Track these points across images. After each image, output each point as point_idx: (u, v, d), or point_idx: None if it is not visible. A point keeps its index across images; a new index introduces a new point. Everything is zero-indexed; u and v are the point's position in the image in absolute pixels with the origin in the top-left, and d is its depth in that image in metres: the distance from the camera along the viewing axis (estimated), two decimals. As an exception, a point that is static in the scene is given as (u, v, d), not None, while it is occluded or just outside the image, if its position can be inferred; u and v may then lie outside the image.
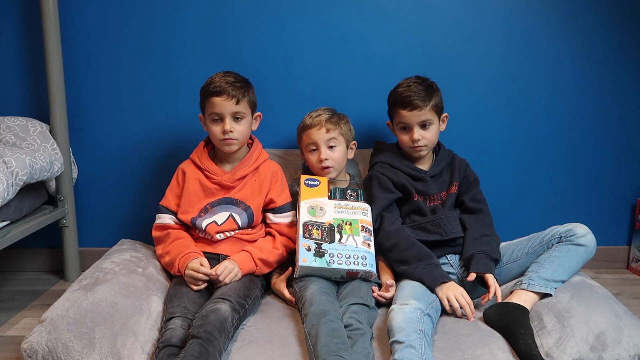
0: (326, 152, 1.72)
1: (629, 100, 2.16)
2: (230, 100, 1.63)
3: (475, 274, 1.52)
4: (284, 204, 1.71)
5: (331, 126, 1.73)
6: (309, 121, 1.75)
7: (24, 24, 2.05)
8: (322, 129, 1.72)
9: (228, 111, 1.63)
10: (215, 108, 1.63)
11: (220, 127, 1.64)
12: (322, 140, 1.72)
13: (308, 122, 1.75)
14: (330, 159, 1.72)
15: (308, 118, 1.77)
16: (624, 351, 1.32)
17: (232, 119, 1.64)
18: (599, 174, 2.22)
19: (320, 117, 1.74)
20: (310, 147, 1.74)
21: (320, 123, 1.73)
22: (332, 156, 1.73)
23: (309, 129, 1.74)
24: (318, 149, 1.73)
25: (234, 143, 1.66)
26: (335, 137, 1.73)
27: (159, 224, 1.69)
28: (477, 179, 1.79)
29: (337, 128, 1.74)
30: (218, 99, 1.63)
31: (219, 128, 1.64)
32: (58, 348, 1.27)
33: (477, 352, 1.31)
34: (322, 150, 1.72)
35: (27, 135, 1.93)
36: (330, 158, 1.72)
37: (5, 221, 1.78)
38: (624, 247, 2.29)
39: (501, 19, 2.07)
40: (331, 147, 1.73)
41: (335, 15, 2.05)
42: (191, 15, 2.04)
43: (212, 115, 1.65)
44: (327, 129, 1.72)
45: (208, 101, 1.65)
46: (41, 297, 2.00)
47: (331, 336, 1.28)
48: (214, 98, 1.63)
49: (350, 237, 1.59)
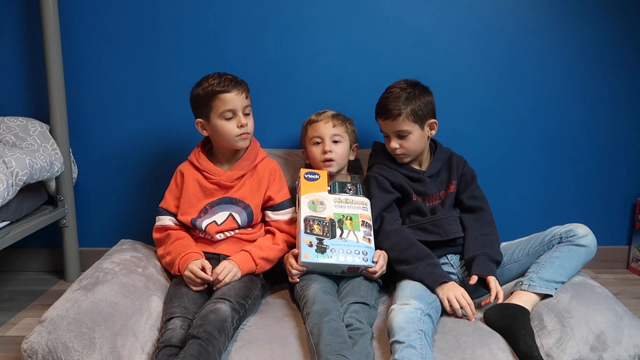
0: (330, 145, 1.75)
1: (629, 100, 2.16)
2: (241, 95, 1.63)
3: (477, 277, 1.51)
4: (283, 201, 1.71)
5: (337, 122, 1.78)
6: (315, 117, 1.81)
7: (24, 24, 2.05)
8: (329, 123, 1.77)
9: (240, 106, 1.63)
10: (229, 105, 1.62)
11: (236, 122, 1.63)
12: (327, 134, 1.76)
13: (314, 118, 1.81)
14: (333, 152, 1.75)
15: (314, 115, 1.82)
16: (624, 351, 1.31)
17: (243, 114, 1.64)
18: (599, 174, 2.22)
19: (326, 113, 1.81)
20: (315, 140, 1.77)
21: (327, 117, 1.79)
22: (335, 150, 1.76)
23: (315, 123, 1.79)
24: (322, 142, 1.76)
25: (248, 137, 1.67)
26: (339, 134, 1.77)
27: (159, 225, 1.69)
28: (474, 175, 1.79)
29: (343, 126, 1.79)
30: (229, 95, 1.61)
31: (233, 124, 1.63)
32: (58, 348, 1.27)
33: (477, 352, 1.31)
34: (327, 143, 1.75)
35: (27, 136, 1.93)
36: (334, 151, 1.75)
37: (5, 221, 1.78)
38: (624, 247, 2.29)
39: (500, 19, 2.07)
40: (335, 141, 1.76)
41: (336, 15, 2.05)
42: (191, 17, 2.04)
43: (224, 113, 1.62)
44: (334, 124, 1.77)
45: (216, 100, 1.61)
46: (41, 297, 2.00)
47: (333, 335, 1.28)
48: (224, 95, 1.61)
49: (351, 232, 1.59)
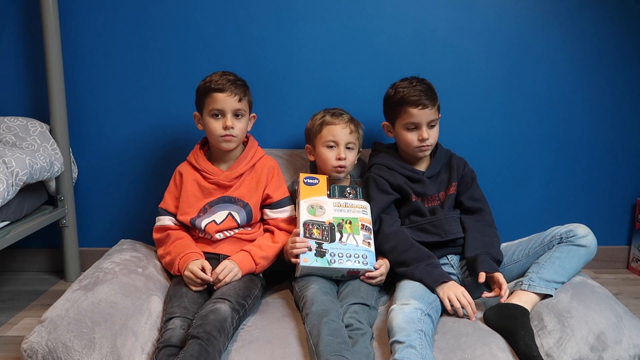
0: (344, 152, 1.73)
1: (629, 100, 2.16)
2: (233, 97, 1.63)
3: (484, 274, 1.51)
4: (281, 199, 1.71)
5: (353, 128, 1.75)
6: (332, 118, 1.75)
7: (24, 24, 2.05)
8: (347, 129, 1.73)
9: (230, 107, 1.63)
10: (218, 104, 1.63)
11: (221, 123, 1.63)
12: (343, 140, 1.73)
13: (331, 119, 1.75)
14: (347, 159, 1.73)
15: (329, 115, 1.76)
16: (624, 351, 1.32)
17: (233, 116, 1.64)
18: (599, 174, 2.22)
19: (343, 116, 1.76)
20: (330, 143, 1.73)
21: (344, 122, 1.74)
22: (348, 157, 1.74)
23: (332, 125, 1.73)
24: (337, 147, 1.73)
25: (233, 140, 1.66)
26: (354, 141, 1.75)
27: (159, 226, 1.69)
28: (474, 177, 1.79)
29: (357, 132, 1.76)
30: (221, 95, 1.63)
31: (220, 124, 1.64)
32: (58, 348, 1.27)
33: (477, 352, 1.31)
34: (342, 150, 1.73)
35: (27, 136, 1.93)
36: (347, 158, 1.73)
37: (5, 221, 1.77)
38: (624, 247, 2.29)
39: (500, 19, 2.07)
40: (349, 148, 1.74)
41: (336, 15, 2.05)
42: (191, 16, 2.04)
43: (212, 111, 1.64)
44: (351, 129, 1.74)
45: (209, 97, 1.64)
46: (41, 297, 2.00)
47: (333, 336, 1.28)
48: (217, 94, 1.63)
49: (351, 236, 1.59)
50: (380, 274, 1.56)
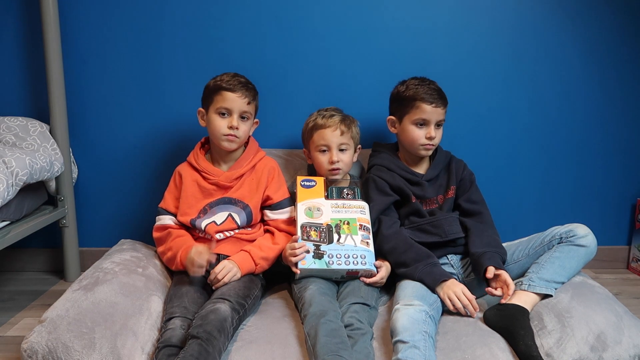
0: (337, 155, 1.72)
1: (628, 100, 2.16)
2: (243, 99, 1.64)
3: (494, 268, 1.50)
4: (281, 200, 1.71)
5: (345, 129, 1.72)
6: (322, 121, 1.73)
7: (24, 24, 2.05)
8: (337, 131, 1.71)
9: (238, 108, 1.64)
10: (227, 103, 1.64)
11: (227, 121, 1.64)
12: (335, 143, 1.71)
13: (321, 122, 1.73)
14: (340, 161, 1.72)
15: (320, 118, 1.74)
16: (624, 351, 1.32)
17: (239, 117, 1.65)
18: (598, 174, 2.21)
19: (333, 118, 1.73)
20: (322, 148, 1.73)
21: (334, 124, 1.72)
22: (342, 158, 1.73)
23: (322, 129, 1.72)
24: (329, 151, 1.72)
25: (236, 141, 1.66)
26: (346, 142, 1.73)
27: (159, 225, 1.69)
28: (473, 179, 1.79)
29: (349, 132, 1.74)
30: (231, 95, 1.63)
31: (225, 122, 1.64)
32: (58, 348, 1.27)
33: (477, 352, 1.31)
34: (334, 152, 1.72)
35: (27, 136, 1.93)
36: (341, 160, 1.72)
37: (5, 221, 1.77)
38: (624, 247, 2.29)
39: (501, 18, 2.07)
40: (342, 150, 1.73)
41: (336, 15, 2.05)
42: (191, 17, 2.04)
43: (220, 109, 1.64)
44: (342, 131, 1.72)
45: (218, 95, 1.64)
46: (41, 297, 2.00)
47: (330, 336, 1.28)
48: (227, 93, 1.63)
49: (349, 236, 1.59)
50: (380, 278, 1.56)
